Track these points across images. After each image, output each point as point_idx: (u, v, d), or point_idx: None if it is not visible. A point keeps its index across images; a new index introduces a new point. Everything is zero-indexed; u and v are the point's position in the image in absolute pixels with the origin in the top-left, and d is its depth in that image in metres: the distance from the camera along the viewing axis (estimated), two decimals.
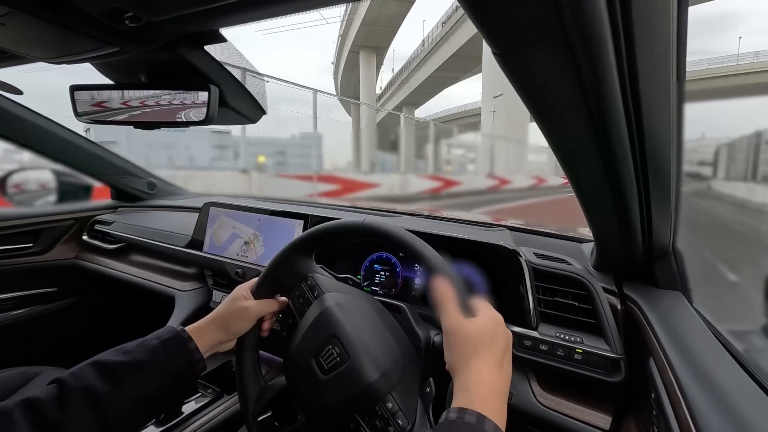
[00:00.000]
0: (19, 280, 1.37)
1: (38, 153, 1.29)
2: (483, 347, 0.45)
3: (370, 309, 0.59)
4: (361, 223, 0.59)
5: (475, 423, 0.38)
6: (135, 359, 0.51)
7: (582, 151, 0.48)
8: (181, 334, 0.57)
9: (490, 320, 0.48)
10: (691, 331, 0.57)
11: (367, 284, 0.98)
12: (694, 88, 20.09)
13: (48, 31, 0.49)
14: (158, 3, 0.43)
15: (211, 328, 0.60)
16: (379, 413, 0.48)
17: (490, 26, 0.33)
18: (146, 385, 0.50)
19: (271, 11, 0.47)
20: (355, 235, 0.60)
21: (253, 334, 0.63)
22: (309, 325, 0.57)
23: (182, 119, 0.62)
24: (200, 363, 0.57)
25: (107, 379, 0.48)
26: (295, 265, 0.63)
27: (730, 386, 0.43)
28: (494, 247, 0.80)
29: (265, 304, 0.63)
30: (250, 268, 1.04)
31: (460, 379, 0.44)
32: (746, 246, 5.48)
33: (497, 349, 0.46)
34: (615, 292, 0.73)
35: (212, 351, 0.60)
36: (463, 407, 0.40)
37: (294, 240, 0.64)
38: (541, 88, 0.39)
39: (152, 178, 1.64)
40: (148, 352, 0.52)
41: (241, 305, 0.61)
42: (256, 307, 0.62)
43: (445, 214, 1.15)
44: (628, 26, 0.32)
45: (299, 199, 1.47)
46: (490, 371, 0.44)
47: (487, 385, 0.43)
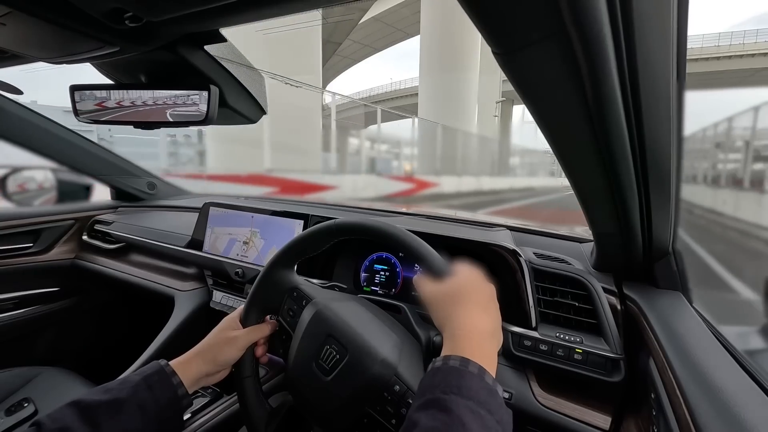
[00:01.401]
0: (19, 280, 1.37)
1: (38, 153, 1.28)
2: (463, 298, 0.46)
3: (361, 305, 0.60)
4: (333, 224, 0.59)
5: (459, 366, 0.39)
6: (115, 398, 0.49)
7: (582, 151, 0.48)
8: (164, 368, 0.54)
9: (467, 275, 0.49)
10: (690, 331, 0.57)
11: (366, 284, 0.98)
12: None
13: (48, 31, 0.49)
14: (158, 3, 0.43)
15: (197, 360, 0.57)
16: (388, 399, 0.48)
17: (490, 26, 0.33)
18: (126, 424, 0.48)
19: (271, 11, 0.47)
20: (330, 236, 0.60)
21: (249, 361, 0.61)
22: (303, 331, 0.57)
23: (182, 119, 0.62)
24: (185, 399, 0.54)
25: (85, 419, 0.46)
26: (278, 281, 0.63)
27: (730, 386, 0.43)
28: (494, 247, 0.80)
29: (254, 331, 0.61)
30: (250, 268, 1.04)
31: (446, 331, 0.45)
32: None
33: (479, 296, 0.46)
34: (615, 292, 0.73)
35: (199, 385, 0.57)
36: (448, 354, 0.41)
37: (271, 258, 0.63)
38: (541, 88, 0.39)
39: (152, 178, 1.64)
40: (129, 390, 0.50)
41: (229, 335, 0.59)
42: (245, 335, 0.60)
43: (445, 214, 1.15)
44: (628, 26, 0.32)
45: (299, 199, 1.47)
46: (473, 317, 0.44)
47: (471, 330, 0.43)
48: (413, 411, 0.37)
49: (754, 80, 23.84)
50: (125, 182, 1.55)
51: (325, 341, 0.54)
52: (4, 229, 1.30)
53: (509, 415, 0.38)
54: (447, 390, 0.36)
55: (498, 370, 0.76)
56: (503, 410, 0.37)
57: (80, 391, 0.97)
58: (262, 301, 0.63)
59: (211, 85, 0.60)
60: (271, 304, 0.63)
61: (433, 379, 0.39)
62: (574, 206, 0.65)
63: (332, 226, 0.59)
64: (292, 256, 0.63)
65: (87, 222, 1.50)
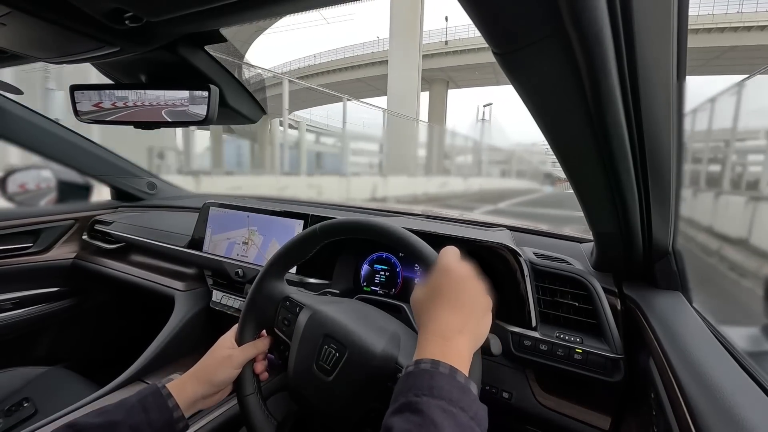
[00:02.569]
0: (19, 280, 1.36)
1: (38, 153, 1.29)
2: (434, 298, 0.45)
3: (355, 304, 0.60)
4: (316, 229, 0.59)
5: (430, 368, 0.39)
6: (110, 420, 0.48)
7: (582, 151, 0.48)
8: (160, 390, 0.53)
9: (439, 269, 0.48)
10: (690, 331, 0.57)
11: (366, 284, 0.98)
12: None
13: (48, 31, 0.49)
14: (158, 3, 0.43)
15: (193, 381, 0.56)
16: (393, 389, 0.49)
17: (490, 26, 0.33)
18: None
19: (271, 11, 0.47)
20: (315, 241, 0.59)
21: (248, 379, 0.59)
22: (300, 336, 0.57)
23: (182, 119, 0.62)
24: (180, 422, 0.53)
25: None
26: (270, 294, 0.62)
27: (730, 386, 0.43)
28: (494, 246, 0.80)
29: (249, 348, 0.60)
30: (250, 268, 1.04)
31: (419, 335, 0.44)
32: None
33: (449, 293, 0.45)
34: (615, 292, 0.73)
35: (195, 408, 0.56)
36: (419, 358, 0.41)
37: (260, 273, 0.63)
38: (541, 88, 0.39)
39: (152, 178, 1.64)
40: (124, 412, 0.49)
41: (223, 355, 0.58)
42: (240, 353, 0.59)
43: (445, 214, 1.15)
44: (628, 26, 0.32)
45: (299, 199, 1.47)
46: (440, 316, 0.44)
47: (439, 330, 0.43)
48: (388, 416, 0.37)
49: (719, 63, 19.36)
50: (125, 182, 1.55)
51: (323, 342, 0.54)
52: (4, 229, 1.30)
53: (484, 411, 0.38)
54: (419, 392, 0.37)
55: (498, 370, 0.77)
56: (476, 405, 0.38)
57: (80, 390, 0.97)
58: (255, 317, 0.62)
59: (211, 85, 0.59)
60: (265, 317, 0.62)
61: (405, 383, 0.39)
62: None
63: (316, 230, 0.59)
64: (280, 268, 0.62)
65: (87, 222, 1.50)
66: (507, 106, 27.35)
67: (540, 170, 31.56)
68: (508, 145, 27.32)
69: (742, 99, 5.77)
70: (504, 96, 36.74)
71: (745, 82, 6.26)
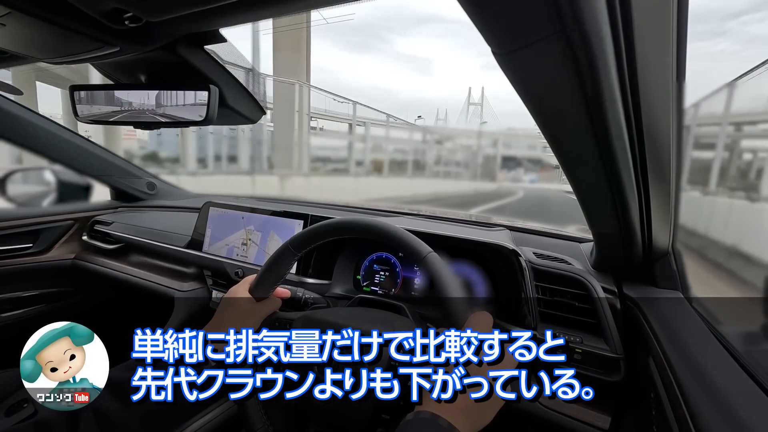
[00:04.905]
0: (19, 280, 1.36)
1: (38, 153, 1.28)
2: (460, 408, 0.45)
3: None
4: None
5: (429, 418, 0.42)
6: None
7: (582, 152, 0.48)
8: None
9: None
10: (690, 331, 0.57)
11: (366, 284, 0.98)
12: None
13: (48, 32, 0.49)
14: (158, 3, 0.43)
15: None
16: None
17: (490, 26, 0.33)
18: (156, 402, 0.49)
19: (271, 11, 0.47)
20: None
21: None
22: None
23: (182, 119, 0.62)
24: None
25: (116, 396, 0.48)
26: (292, 259, 0.63)
27: (730, 386, 0.43)
28: (494, 246, 0.80)
29: (269, 303, 0.62)
30: (250, 268, 1.04)
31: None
32: None
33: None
34: (614, 291, 0.73)
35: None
36: (417, 410, 0.44)
37: (286, 241, 0.63)
38: (540, 88, 0.39)
39: (152, 178, 1.64)
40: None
41: (245, 309, 0.60)
42: (261, 307, 0.61)
43: (444, 214, 1.15)
44: (628, 26, 0.32)
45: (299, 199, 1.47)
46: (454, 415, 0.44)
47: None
48: None
49: None
50: (125, 182, 1.54)
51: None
52: (4, 229, 1.30)
53: None
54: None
55: None
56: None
57: None
58: (276, 272, 0.63)
59: (211, 85, 0.60)
60: (282, 275, 0.63)
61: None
62: None
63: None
64: (302, 244, 0.62)
65: (87, 222, 1.50)
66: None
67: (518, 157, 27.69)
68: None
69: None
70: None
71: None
